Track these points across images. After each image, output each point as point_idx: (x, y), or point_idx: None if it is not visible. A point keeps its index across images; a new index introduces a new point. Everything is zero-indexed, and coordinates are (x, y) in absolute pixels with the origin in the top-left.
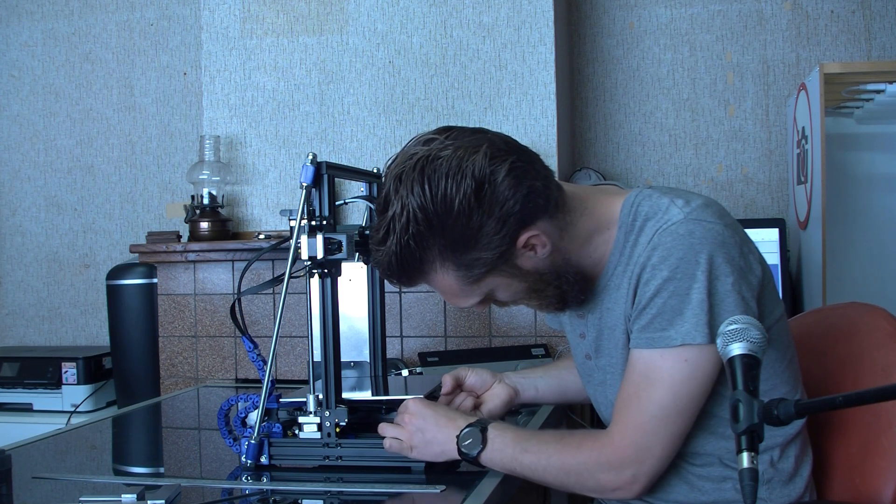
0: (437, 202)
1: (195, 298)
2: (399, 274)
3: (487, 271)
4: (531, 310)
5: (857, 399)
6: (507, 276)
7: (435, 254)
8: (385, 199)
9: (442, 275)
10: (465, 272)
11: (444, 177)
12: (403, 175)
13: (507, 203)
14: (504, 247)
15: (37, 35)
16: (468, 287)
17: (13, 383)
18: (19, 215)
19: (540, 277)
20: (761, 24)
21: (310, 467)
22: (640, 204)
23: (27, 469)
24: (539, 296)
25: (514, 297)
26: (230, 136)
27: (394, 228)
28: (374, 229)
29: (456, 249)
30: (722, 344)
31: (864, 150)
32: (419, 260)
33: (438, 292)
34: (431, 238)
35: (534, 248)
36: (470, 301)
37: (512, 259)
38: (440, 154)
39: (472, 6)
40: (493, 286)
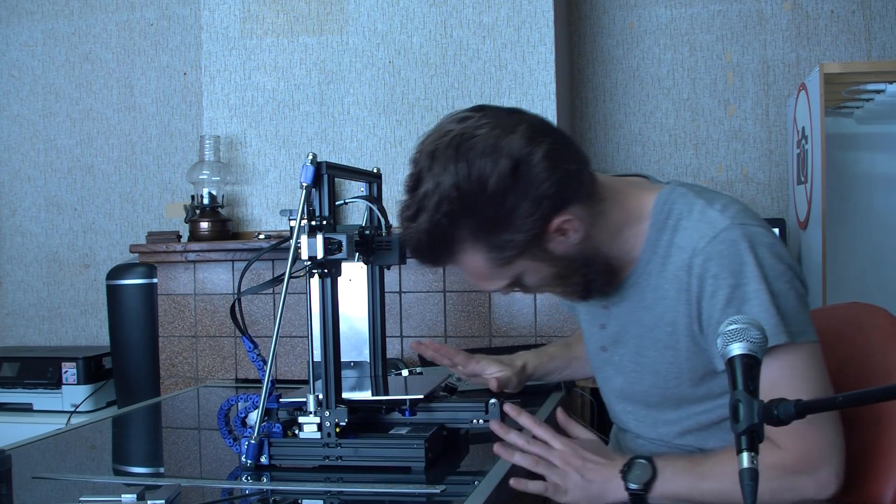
0: (471, 180)
1: (195, 298)
2: (429, 253)
3: (518, 254)
4: (531, 310)
5: (857, 399)
6: (536, 260)
7: (466, 234)
8: (417, 176)
9: (472, 256)
10: (496, 254)
11: (479, 155)
12: (437, 152)
13: (542, 185)
14: (536, 230)
15: (37, 35)
16: (497, 269)
17: (13, 383)
18: (19, 215)
19: (569, 264)
20: (761, 24)
21: (310, 467)
22: (673, 202)
23: (27, 469)
24: (565, 283)
25: (540, 283)
26: (230, 136)
27: (426, 206)
28: (405, 206)
29: (488, 230)
30: (722, 344)
31: (864, 150)
32: (450, 239)
33: (465, 274)
34: (464, 217)
35: (566, 234)
36: (497, 284)
37: (543, 243)
38: (476, 132)
39: (472, 6)
40: (522, 270)
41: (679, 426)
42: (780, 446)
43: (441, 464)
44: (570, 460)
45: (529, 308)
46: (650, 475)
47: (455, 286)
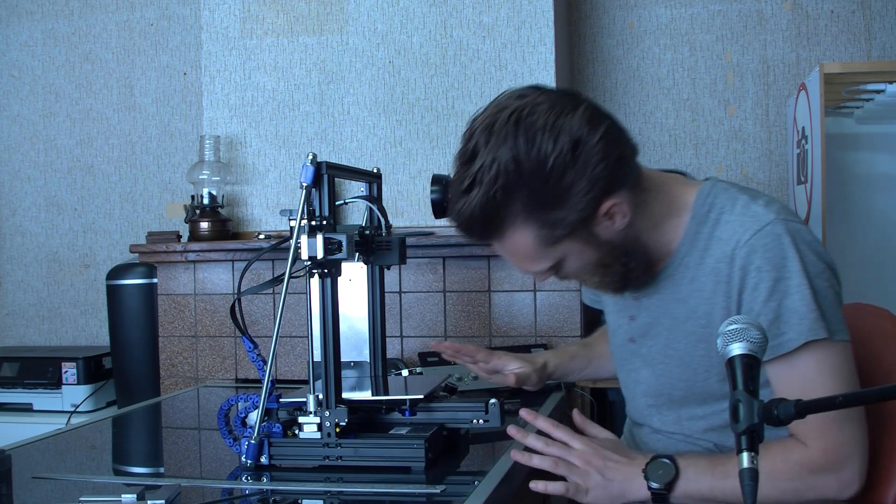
0: (531, 155)
1: (195, 298)
2: (479, 227)
3: (567, 234)
4: (531, 310)
5: (857, 399)
6: (583, 243)
7: (519, 209)
8: (473, 149)
9: (521, 233)
10: (546, 232)
11: (540, 131)
12: (495, 126)
13: (598, 166)
14: (588, 211)
15: (37, 35)
16: (544, 249)
17: (13, 383)
18: (19, 215)
19: (611, 251)
20: (761, 24)
21: (310, 467)
22: (716, 196)
23: (27, 469)
24: (605, 271)
25: (581, 269)
26: (230, 136)
27: (481, 179)
28: (457, 180)
29: (542, 206)
30: (722, 344)
31: (864, 150)
32: (503, 215)
33: (508, 255)
34: (520, 192)
35: (613, 218)
36: (540, 266)
37: (591, 225)
38: (535, 109)
39: (472, 6)
40: (567, 252)
41: (703, 423)
42: (805, 443)
43: (441, 464)
44: (591, 459)
45: (529, 308)
46: (673, 475)
47: (455, 286)
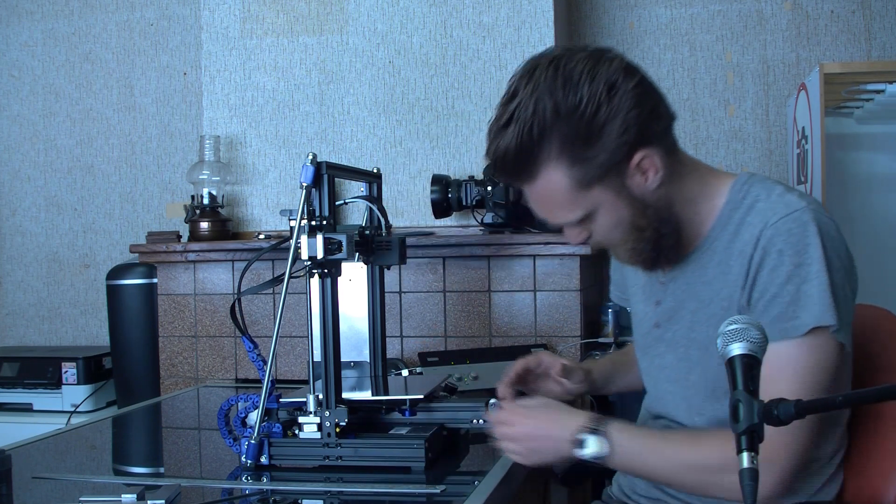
0: (568, 91)
1: (195, 298)
2: (514, 164)
3: (599, 177)
4: (531, 310)
5: (857, 399)
6: (615, 193)
7: (554, 145)
8: (513, 91)
9: (554, 171)
10: (579, 170)
11: (578, 74)
12: (536, 71)
13: (632, 111)
14: (621, 155)
15: (37, 35)
16: (576, 193)
17: (13, 383)
18: (19, 215)
19: (644, 211)
20: (761, 24)
21: (310, 467)
22: (752, 184)
23: (27, 469)
24: (638, 236)
25: (613, 227)
26: (230, 136)
27: (518, 116)
28: (496, 117)
29: (576, 143)
30: (722, 344)
31: (864, 150)
32: (537, 151)
33: (540, 201)
34: (556, 126)
35: (645, 173)
36: (571, 214)
37: (624, 176)
38: (574, 56)
39: (472, 6)
40: (599, 203)
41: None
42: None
43: (441, 464)
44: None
45: (529, 308)
46: (606, 451)
47: (455, 286)
